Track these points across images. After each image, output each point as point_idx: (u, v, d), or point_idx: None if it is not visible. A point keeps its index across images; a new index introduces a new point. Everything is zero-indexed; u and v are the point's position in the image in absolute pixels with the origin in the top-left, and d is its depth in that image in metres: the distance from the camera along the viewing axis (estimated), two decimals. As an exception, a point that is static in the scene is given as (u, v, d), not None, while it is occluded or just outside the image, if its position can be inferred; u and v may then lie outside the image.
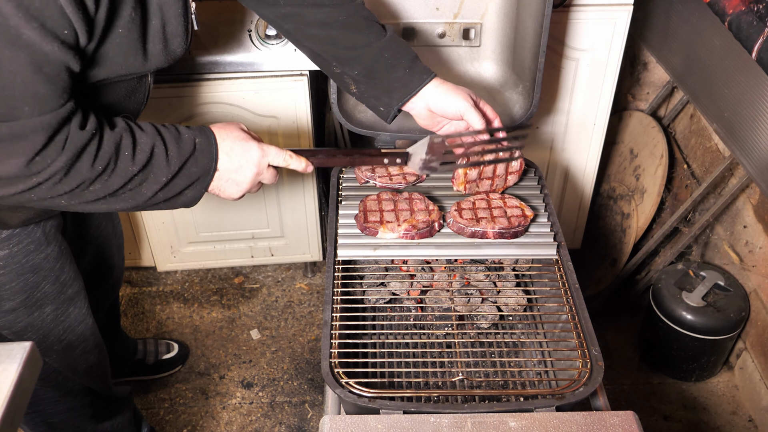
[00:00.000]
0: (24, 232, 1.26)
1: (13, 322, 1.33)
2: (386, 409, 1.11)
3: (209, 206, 2.22)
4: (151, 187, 1.10)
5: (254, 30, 1.86)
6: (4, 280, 1.27)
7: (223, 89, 1.94)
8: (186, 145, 1.12)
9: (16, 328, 1.34)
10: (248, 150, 1.19)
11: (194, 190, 1.16)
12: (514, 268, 1.53)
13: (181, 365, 2.24)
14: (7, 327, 1.33)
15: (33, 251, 1.28)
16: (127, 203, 1.11)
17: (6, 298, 1.29)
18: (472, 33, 1.82)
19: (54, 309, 1.38)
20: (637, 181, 2.38)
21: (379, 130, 1.76)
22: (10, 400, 0.86)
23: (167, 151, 1.10)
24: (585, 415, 1.06)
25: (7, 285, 1.28)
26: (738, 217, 2.09)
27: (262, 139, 1.25)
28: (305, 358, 2.29)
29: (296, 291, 2.53)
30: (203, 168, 1.15)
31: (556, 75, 2.02)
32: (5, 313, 1.31)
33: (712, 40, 1.89)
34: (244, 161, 1.19)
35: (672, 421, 2.09)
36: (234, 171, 1.19)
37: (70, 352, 1.46)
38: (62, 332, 1.42)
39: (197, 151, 1.13)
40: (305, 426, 2.09)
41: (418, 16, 1.79)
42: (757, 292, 2.03)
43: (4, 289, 1.28)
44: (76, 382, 1.54)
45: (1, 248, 1.24)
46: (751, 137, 1.77)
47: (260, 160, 1.20)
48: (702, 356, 2.10)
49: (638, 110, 2.49)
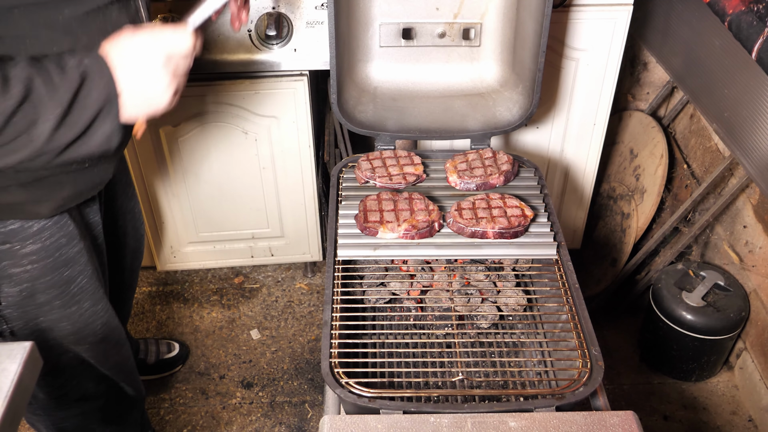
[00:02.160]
0: (56, 226, 1.23)
1: (48, 312, 1.31)
2: (386, 409, 1.11)
3: (209, 206, 2.22)
4: (45, 126, 0.94)
5: (254, 30, 1.86)
6: (36, 274, 1.25)
7: (223, 89, 1.94)
8: (71, 69, 0.95)
9: (51, 317, 1.32)
10: (145, 53, 0.99)
11: (105, 123, 0.99)
12: (514, 268, 1.53)
13: (181, 365, 2.24)
14: (42, 316, 1.31)
15: (65, 245, 1.26)
16: (26, 152, 0.95)
17: (40, 291, 1.27)
18: (472, 33, 1.81)
19: (92, 305, 1.36)
20: (637, 181, 2.38)
21: (380, 130, 1.76)
22: (10, 400, 0.86)
23: (50, 78, 0.93)
24: (585, 415, 1.06)
25: (40, 279, 1.26)
26: (738, 217, 2.09)
27: None
28: (305, 358, 2.29)
29: (296, 291, 2.53)
30: (103, 92, 0.97)
31: (556, 75, 2.02)
32: (40, 305, 1.29)
33: (712, 40, 1.89)
34: (147, 67, 0.99)
35: (672, 421, 2.09)
36: (142, 82, 1.00)
37: (104, 344, 1.44)
38: (99, 327, 1.40)
39: (89, 74, 0.96)
40: (305, 426, 2.09)
41: (417, 15, 1.79)
42: (757, 292, 2.03)
43: (38, 283, 1.26)
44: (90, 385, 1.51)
45: (33, 242, 1.21)
46: (751, 137, 1.77)
47: (165, 57, 1.00)
48: (702, 356, 2.10)
49: (638, 110, 2.49)
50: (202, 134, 2.03)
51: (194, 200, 2.20)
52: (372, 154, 1.69)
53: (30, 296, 1.27)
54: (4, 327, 1.28)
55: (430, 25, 1.80)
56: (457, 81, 1.86)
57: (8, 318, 1.28)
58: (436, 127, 1.77)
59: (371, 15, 1.76)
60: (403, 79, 1.86)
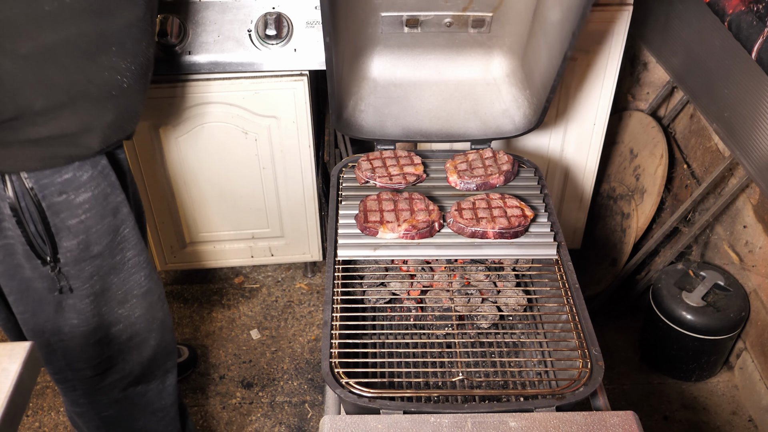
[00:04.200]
0: (101, 175, 1.30)
1: (100, 267, 1.37)
2: (386, 409, 1.11)
3: (209, 206, 2.22)
4: None
5: (254, 30, 1.86)
6: (90, 223, 1.32)
7: (223, 89, 1.94)
8: None
9: (102, 272, 1.38)
10: None
11: None
12: (514, 268, 1.53)
13: (192, 369, 2.23)
14: (95, 273, 1.37)
15: (110, 194, 1.33)
16: None
17: (94, 242, 1.34)
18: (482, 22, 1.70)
19: (135, 254, 1.42)
20: (637, 181, 2.38)
21: (379, 135, 1.75)
22: (10, 400, 0.86)
23: None
24: (585, 415, 1.06)
25: (93, 228, 1.32)
26: (738, 217, 2.09)
27: None
28: (305, 358, 2.29)
29: (296, 291, 2.53)
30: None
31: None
32: (93, 258, 1.35)
33: (712, 40, 1.89)
34: None
35: (672, 421, 2.09)
36: None
37: (149, 296, 1.49)
38: (143, 278, 1.46)
39: None
40: (305, 426, 2.09)
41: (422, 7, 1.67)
42: (757, 292, 2.03)
43: (91, 233, 1.33)
44: (135, 367, 1.56)
45: (85, 190, 1.28)
46: (751, 137, 1.77)
47: None
48: (702, 356, 2.10)
49: (638, 110, 2.49)
50: (202, 134, 2.03)
51: (194, 200, 2.20)
52: (372, 154, 1.69)
53: (86, 248, 1.33)
54: (64, 283, 1.35)
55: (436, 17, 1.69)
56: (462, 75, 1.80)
57: (68, 275, 1.34)
58: (436, 130, 1.76)
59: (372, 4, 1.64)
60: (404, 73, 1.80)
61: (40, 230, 1.27)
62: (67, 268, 1.34)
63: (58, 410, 2.11)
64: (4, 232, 1.27)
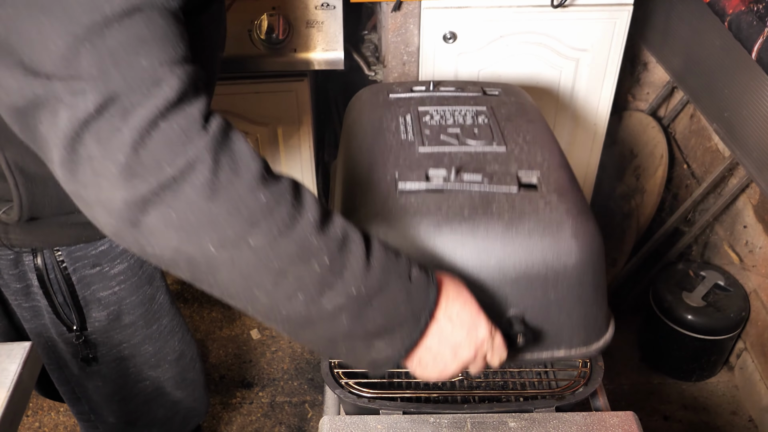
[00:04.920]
0: None
1: (131, 335, 1.28)
2: (386, 409, 1.11)
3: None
4: (334, 299, 0.71)
5: (254, 30, 1.86)
6: (124, 295, 1.22)
7: (224, 91, 1.94)
8: (401, 263, 0.78)
9: (134, 341, 1.29)
10: (477, 324, 0.85)
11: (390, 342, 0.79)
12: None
13: None
14: (126, 341, 1.29)
15: (145, 261, 1.21)
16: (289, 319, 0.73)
17: (126, 312, 1.25)
18: None
19: (170, 320, 1.34)
20: (637, 181, 2.38)
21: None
22: (10, 400, 0.86)
23: (369, 250, 0.74)
24: (585, 415, 1.06)
25: (127, 299, 1.23)
26: (738, 217, 2.09)
27: None
28: (305, 358, 2.29)
29: (296, 291, 2.53)
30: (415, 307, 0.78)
31: (556, 75, 2.02)
32: (124, 327, 1.26)
33: (712, 40, 1.89)
34: (466, 335, 0.84)
35: (672, 421, 2.09)
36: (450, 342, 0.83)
37: (182, 360, 1.41)
38: (177, 343, 1.37)
39: (413, 280, 0.78)
40: (305, 426, 2.09)
41: None
42: (757, 292, 2.03)
43: (124, 304, 1.23)
44: (161, 411, 1.46)
45: (121, 261, 1.19)
46: (751, 137, 1.77)
47: (483, 342, 0.86)
48: (702, 356, 2.10)
49: (638, 110, 2.49)
50: (202, 134, 2.03)
51: (194, 200, 2.19)
52: (372, 154, 1.69)
53: (116, 318, 1.24)
54: (87, 352, 1.26)
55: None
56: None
57: (94, 343, 1.26)
58: None
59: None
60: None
61: (69, 302, 1.19)
62: (95, 336, 1.26)
63: (58, 410, 2.11)
64: (32, 296, 1.19)
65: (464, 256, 1.00)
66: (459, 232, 1.00)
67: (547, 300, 1.04)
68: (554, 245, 1.02)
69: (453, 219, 1.01)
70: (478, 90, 1.41)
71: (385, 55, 1.94)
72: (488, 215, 1.02)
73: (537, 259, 1.01)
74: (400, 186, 1.08)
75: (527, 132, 1.25)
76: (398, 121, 1.27)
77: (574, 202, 1.09)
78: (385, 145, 1.20)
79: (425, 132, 1.23)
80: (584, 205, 1.12)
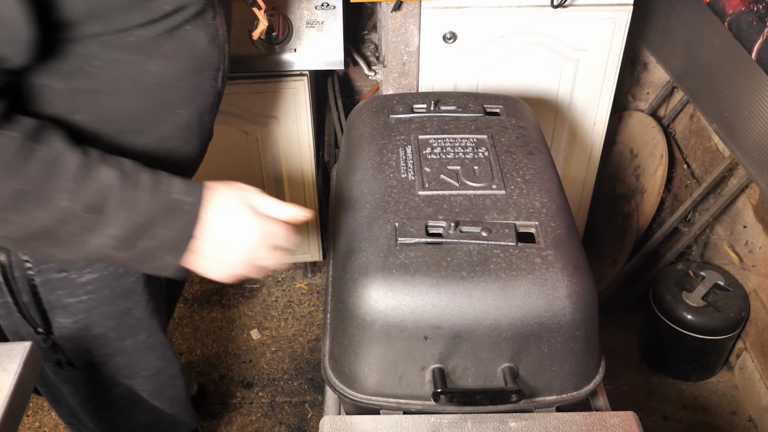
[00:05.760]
0: None
1: (102, 346, 1.26)
2: (386, 409, 1.11)
3: (209, 206, 2.22)
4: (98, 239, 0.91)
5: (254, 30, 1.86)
6: (93, 305, 1.20)
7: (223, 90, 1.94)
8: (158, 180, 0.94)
9: (105, 351, 1.27)
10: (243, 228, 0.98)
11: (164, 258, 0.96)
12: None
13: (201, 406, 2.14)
14: (95, 350, 1.27)
15: (123, 275, 1.20)
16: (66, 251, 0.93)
17: (95, 323, 1.22)
18: None
19: (148, 336, 1.31)
20: (637, 181, 2.38)
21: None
22: (10, 400, 0.86)
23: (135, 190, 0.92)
24: (585, 415, 1.06)
25: (96, 310, 1.21)
26: (738, 217, 2.09)
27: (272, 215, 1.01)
28: (305, 358, 2.29)
29: (296, 291, 2.53)
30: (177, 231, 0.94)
31: (556, 75, 2.02)
32: (94, 337, 1.24)
33: (712, 40, 1.89)
34: (234, 238, 0.98)
35: (672, 421, 2.09)
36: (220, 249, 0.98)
37: (158, 377, 1.38)
38: (154, 360, 1.35)
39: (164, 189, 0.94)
40: (305, 426, 2.10)
41: None
42: (757, 292, 2.03)
43: (93, 314, 1.21)
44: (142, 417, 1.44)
45: (91, 271, 1.17)
46: (751, 137, 1.77)
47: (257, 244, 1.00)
48: (702, 356, 2.10)
49: (638, 110, 2.49)
50: (202, 134, 2.03)
51: (194, 200, 2.19)
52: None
53: (84, 327, 1.22)
54: (61, 356, 1.24)
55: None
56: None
57: (63, 348, 1.24)
58: None
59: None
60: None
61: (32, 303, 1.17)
62: (62, 341, 1.23)
63: (58, 410, 2.12)
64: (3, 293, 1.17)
65: (461, 314, 1.04)
66: (457, 294, 1.04)
67: (541, 354, 1.07)
68: (549, 306, 1.05)
69: (451, 280, 1.05)
70: (479, 108, 1.41)
71: (385, 54, 1.94)
72: (486, 274, 1.06)
73: (532, 318, 1.05)
74: (400, 240, 1.10)
75: (527, 169, 1.26)
76: (398, 154, 1.28)
77: (570, 257, 1.11)
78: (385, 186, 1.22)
79: (425, 170, 1.24)
80: (580, 257, 1.14)
